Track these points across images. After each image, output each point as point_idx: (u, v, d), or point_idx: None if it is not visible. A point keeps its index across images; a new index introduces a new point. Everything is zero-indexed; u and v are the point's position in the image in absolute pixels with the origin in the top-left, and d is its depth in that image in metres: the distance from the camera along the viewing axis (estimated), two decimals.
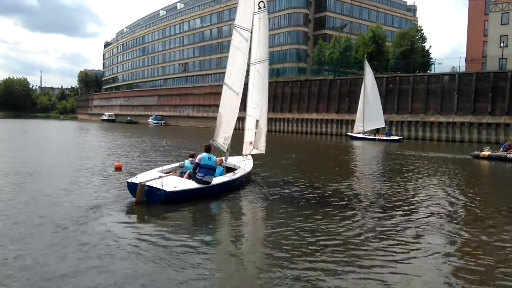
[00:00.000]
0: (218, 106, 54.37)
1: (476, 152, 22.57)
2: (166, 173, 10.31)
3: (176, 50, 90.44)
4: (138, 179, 9.51)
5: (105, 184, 11.67)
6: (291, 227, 7.64)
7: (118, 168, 14.31)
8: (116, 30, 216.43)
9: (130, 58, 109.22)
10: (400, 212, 9.22)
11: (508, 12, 46.21)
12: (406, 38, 51.08)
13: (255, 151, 13.45)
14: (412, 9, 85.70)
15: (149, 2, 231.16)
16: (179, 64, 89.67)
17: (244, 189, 11.42)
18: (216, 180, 10.32)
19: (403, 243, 6.95)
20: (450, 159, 22.45)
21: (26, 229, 7.08)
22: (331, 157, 24.24)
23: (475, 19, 50.56)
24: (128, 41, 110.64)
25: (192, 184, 9.72)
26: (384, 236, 7.24)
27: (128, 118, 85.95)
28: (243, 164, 12.56)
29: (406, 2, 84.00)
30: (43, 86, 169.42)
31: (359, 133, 38.65)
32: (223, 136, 12.44)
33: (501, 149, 22.40)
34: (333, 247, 6.51)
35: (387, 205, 10.04)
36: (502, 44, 44.03)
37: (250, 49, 12.65)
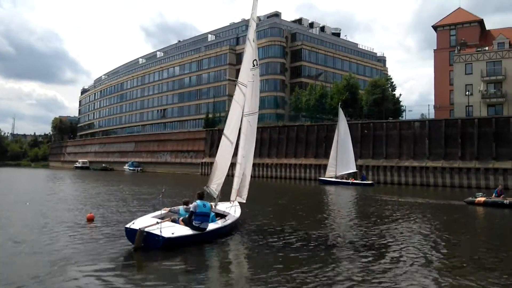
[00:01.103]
0: (195, 151, 55.11)
1: (470, 198, 21.72)
2: (161, 218, 10.45)
3: (155, 97, 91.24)
4: (135, 225, 9.70)
5: (75, 237, 11.21)
6: (280, 272, 7.95)
7: (90, 220, 13.73)
8: (94, 77, 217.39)
9: (107, 104, 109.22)
10: (397, 260, 9.24)
11: (471, 63, 49.25)
12: (377, 87, 53.41)
13: (238, 199, 13.91)
14: (382, 60, 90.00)
15: (128, 50, 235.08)
16: (157, 110, 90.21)
17: (234, 235, 11.70)
18: (211, 226, 10.69)
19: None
20: (445, 206, 22.12)
21: None
22: (312, 203, 24.34)
23: (441, 69, 53.52)
24: (106, 88, 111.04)
25: (188, 231, 10.03)
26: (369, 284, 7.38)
27: (103, 165, 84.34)
28: (232, 210, 12.90)
29: (376, 53, 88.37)
30: (15, 133, 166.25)
31: (331, 177, 39.49)
32: (216, 183, 13.04)
33: (494, 194, 21.80)
34: None
35: (383, 254, 10.00)
36: (467, 93, 46.56)
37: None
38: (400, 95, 63.45)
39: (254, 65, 13.89)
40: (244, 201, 13.99)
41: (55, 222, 13.63)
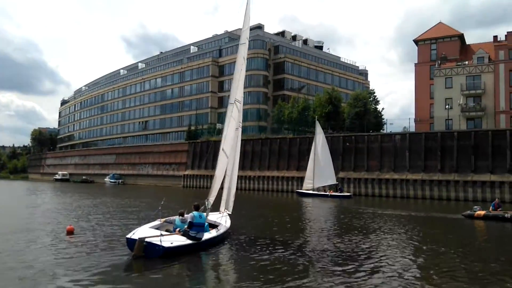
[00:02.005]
0: (178, 164, 55.17)
1: (469, 212, 21.15)
2: (157, 228, 11.27)
3: (136, 109, 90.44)
4: (135, 235, 10.33)
5: (54, 249, 11.24)
6: (266, 283, 8.31)
7: (70, 232, 13.75)
8: (74, 88, 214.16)
9: (88, 116, 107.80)
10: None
11: (451, 77, 50.21)
12: (359, 100, 53.88)
13: (226, 211, 14.68)
14: (364, 73, 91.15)
15: (109, 61, 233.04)
16: (139, 122, 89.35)
17: (224, 246, 12.32)
18: (206, 236, 11.40)
19: None
20: (442, 220, 21.70)
21: None
22: (296, 215, 24.55)
23: (421, 83, 54.34)
24: (87, 99, 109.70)
25: (186, 240, 10.73)
26: None
27: (83, 177, 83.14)
28: (223, 221, 13.61)
29: (358, 67, 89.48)
30: None
31: (308, 190, 39.55)
32: (213, 195, 13.89)
33: (491, 207, 21.33)
34: None
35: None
36: (447, 106, 47.33)
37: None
38: (383, 109, 64.50)
39: None
40: (230, 213, 14.63)
41: (36, 235, 13.59)
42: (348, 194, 39.24)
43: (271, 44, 73.49)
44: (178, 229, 11.18)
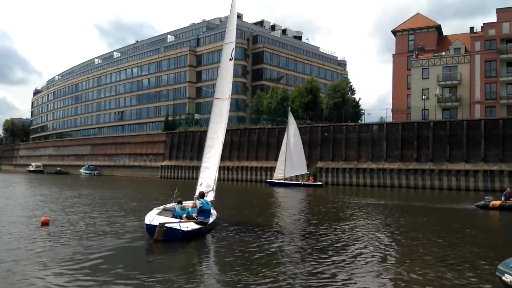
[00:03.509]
0: (155, 154, 54.65)
1: (483, 202, 20.84)
2: (158, 215, 12.08)
3: (112, 99, 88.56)
4: (153, 222, 11.29)
5: (29, 241, 11.17)
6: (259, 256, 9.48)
7: (45, 223, 13.60)
8: (46, 77, 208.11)
9: (61, 106, 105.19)
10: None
11: (428, 68, 50.78)
12: (338, 90, 54.00)
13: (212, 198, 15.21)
14: (343, 64, 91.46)
15: (82, 50, 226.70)
16: (115, 113, 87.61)
17: (219, 231, 13.15)
18: (210, 220, 12.58)
19: None
20: (457, 211, 21.09)
21: None
22: (277, 203, 25.09)
23: (399, 73, 54.84)
24: (60, 89, 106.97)
25: (196, 225, 11.84)
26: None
27: (58, 168, 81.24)
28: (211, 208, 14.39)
29: (336, 57, 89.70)
30: None
31: (279, 179, 39.75)
32: (212, 185, 15.09)
33: (503, 198, 21.12)
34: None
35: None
36: (423, 97, 47.92)
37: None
38: (360, 99, 64.81)
39: None
40: (212, 199, 15.16)
41: (8, 226, 13.49)
42: (320, 183, 39.74)
43: (250, 34, 72.86)
44: (185, 216, 12.16)
